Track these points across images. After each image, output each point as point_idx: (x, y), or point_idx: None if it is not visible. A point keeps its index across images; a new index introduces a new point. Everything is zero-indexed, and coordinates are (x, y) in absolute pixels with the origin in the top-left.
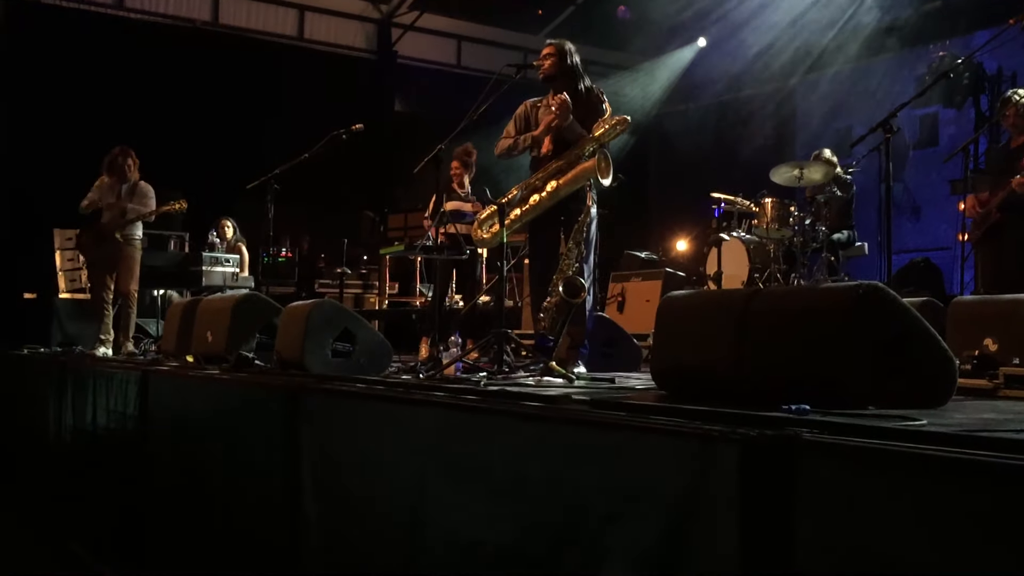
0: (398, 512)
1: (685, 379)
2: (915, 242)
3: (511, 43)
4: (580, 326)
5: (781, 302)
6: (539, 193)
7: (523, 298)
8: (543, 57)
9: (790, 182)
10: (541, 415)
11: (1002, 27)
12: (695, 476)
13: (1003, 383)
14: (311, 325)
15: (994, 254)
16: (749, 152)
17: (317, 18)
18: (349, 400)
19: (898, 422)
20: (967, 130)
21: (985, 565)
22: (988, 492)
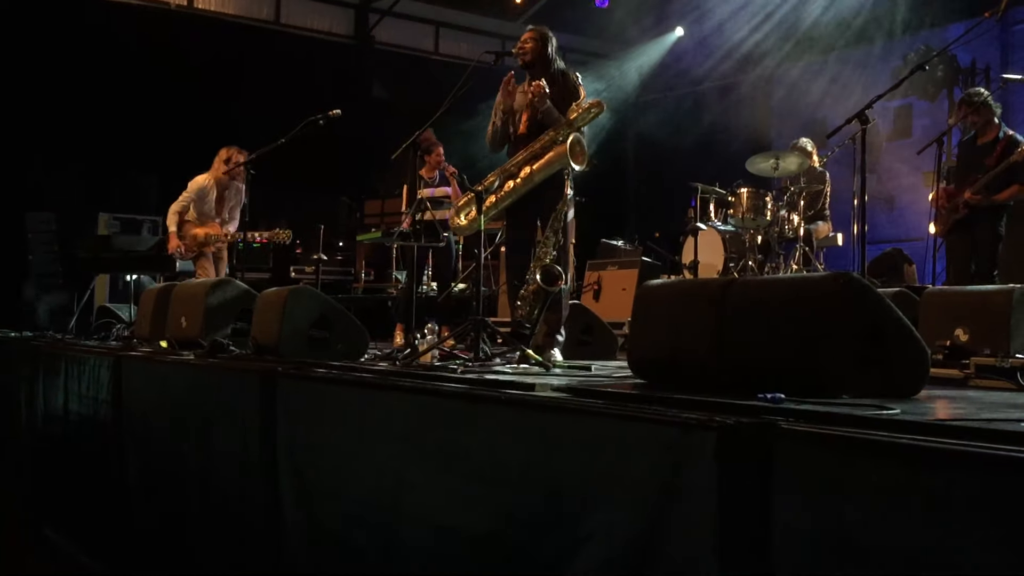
0: (375, 498)
1: (662, 367)
2: (888, 232)
3: (489, 30)
4: (557, 314)
5: (757, 291)
6: (514, 179)
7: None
8: (523, 42)
9: (766, 172)
10: (518, 402)
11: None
12: (672, 464)
13: (974, 373)
14: (287, 311)
15: (964, 248)
16: (725, 142)
17: (294, 2)
18: (326, 386)
19: (872, 411)
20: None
21: (959, 551)
22: (962, 480)
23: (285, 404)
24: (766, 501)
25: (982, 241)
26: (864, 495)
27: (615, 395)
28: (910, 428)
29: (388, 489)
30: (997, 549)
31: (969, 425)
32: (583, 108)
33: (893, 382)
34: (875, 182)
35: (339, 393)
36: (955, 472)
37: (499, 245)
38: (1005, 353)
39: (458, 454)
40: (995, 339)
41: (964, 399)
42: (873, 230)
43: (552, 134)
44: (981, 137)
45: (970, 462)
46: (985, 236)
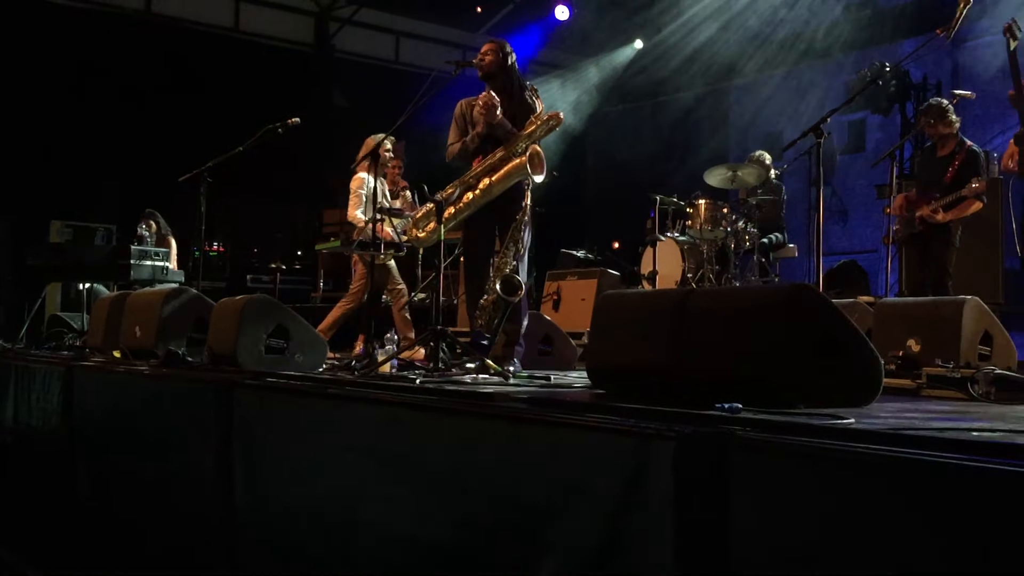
0: (333, 508)
1: (620, 377)
2: (842, 245)
3: (450, 40)
4: (516, 324)
5: (714, 302)
6: (472, 191)
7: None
8: (483, 54)
9: (724, 184)
10: (477, 412)
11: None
12: (630, 473)
13: (925, 383)
14: (244, 320)
15: (918, 260)
16: (684, 153)
17: (253, 9)
18: (283, 396)
19: (827, 420)
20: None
21: (911, 556)
22: (913, 487)
23: (241, 415)
24: (724, 510)
25: (936, 253)
26: (820, 503)
27: (574, 405)
28: (864, 438)
29: (346, 499)
30: (950, 555)
31: (921, 435)
32: (541, 120)
33: (847, 392)
34: (830, 195)
35: (297, 404)
36: (908, 481)
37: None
38: (956, 363)
39: (417, 464)
40: (946, 349)
41: (916, 409)
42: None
43: (511, 146)
44: (941, 148)
45: (923, 471)
46: (939, 248)
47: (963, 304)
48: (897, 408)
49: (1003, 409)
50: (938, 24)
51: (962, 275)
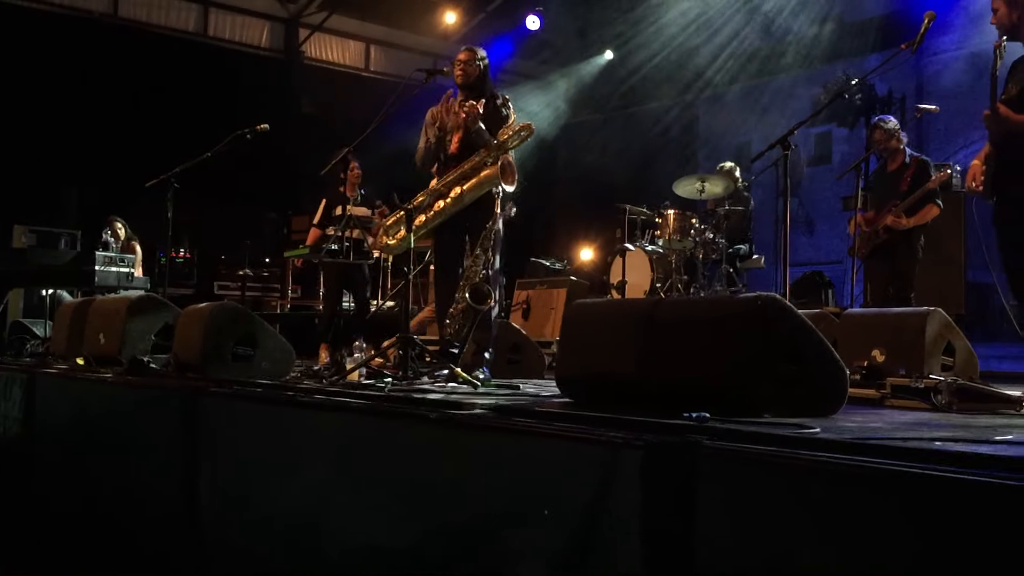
0: (300, 517)
1: (589, 386)
2: (808, 255)
3: (421, 48)
4: (486, 332)
5: (682, 312)
6: (444, 199)
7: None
8: (465, 63)
9: (692, 194)
10: (445, 421)
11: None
12: (599, 481)
13: (890, 393)
14: (211, 328)
15: (881, 272)
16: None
17: (222, 15)
18: (250, 404)
19: (793, 430)
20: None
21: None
22: (879, 497)
23: (207, 423)
24: (691, 518)
25: (899, 264)
26: (785, 512)
27: (542, 414)
28: (829, 447)
29: (312, 508)
30: (915, 562)
31: (886, 444)
32: (514, 131)
33: (813, 401)
34: (796, 206)
35: (263, 412)
36: (872, 489)
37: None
38: (920, 374)
39: (385, 472)
40: (910, 360)
41: (880, 419)
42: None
43: (483, 155)
44: (891, 163)
45: (887, 480)
46: (902, 259)
47: (926, 315)
48: (862, 418)
49: (965, 419)
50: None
51: (926, 287)
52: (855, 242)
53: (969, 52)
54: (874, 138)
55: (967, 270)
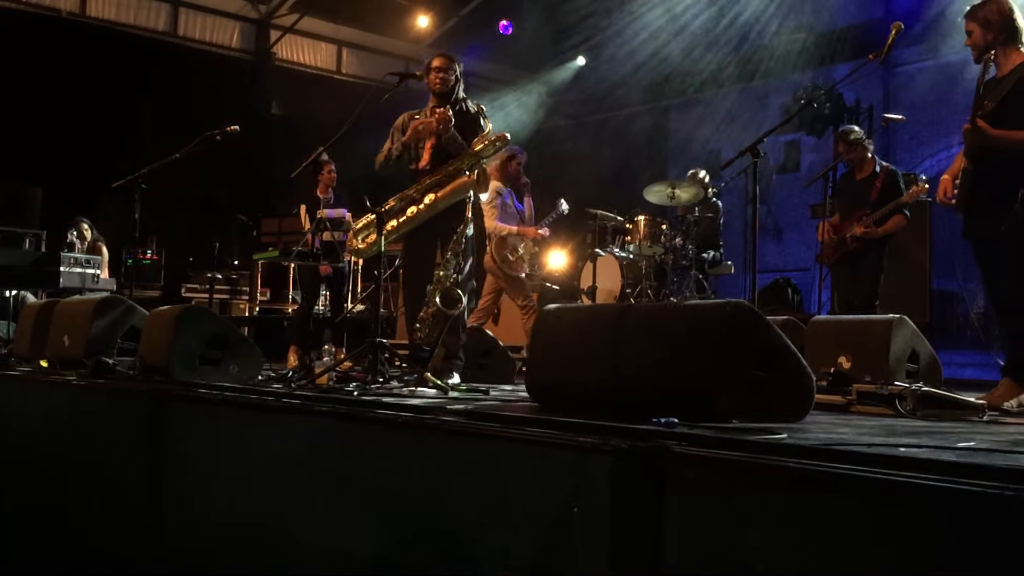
0: (267, 523)
1: (559, 391)
2: (777, 262)
3: (393, 52)
4: (456, 337)
5: (652, 318)
6: (417, 205)
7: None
8: (444, 71)
9: (663, 201)
10: (415, 425)
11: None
12: (568, 487)
13: (856, 399)
14: (178, 330)
15: (848, 279)
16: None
17: (192, 15)
18: (217, 408)
19: (761, 435)
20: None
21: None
22: (845, 502)
23: (173, 427)
24: (659, 523)
25: (865, 272)
26: (753, 517)
27: (512, 419)
28: (796, 452)
29: (280, 513)
30: (881, 567)
31: (851, 450)
32: (489, 140)
33: (780, 407)
34: (765, 213)
35: (231, 416)
36: (838, 495)
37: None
38: (885, 380)
39: (353, 477)
40: (876, 367)
41: (846, 424)
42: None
43: (457, 164)
44: (859, 172)
45: (853, 485)
46: (868, 267)
47: (892, 323)
48: (828, 423)
49: (929, 425)
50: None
51: (891, 294)
52: (823, 249)
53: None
54: (838, 149)
55: (932, 278)
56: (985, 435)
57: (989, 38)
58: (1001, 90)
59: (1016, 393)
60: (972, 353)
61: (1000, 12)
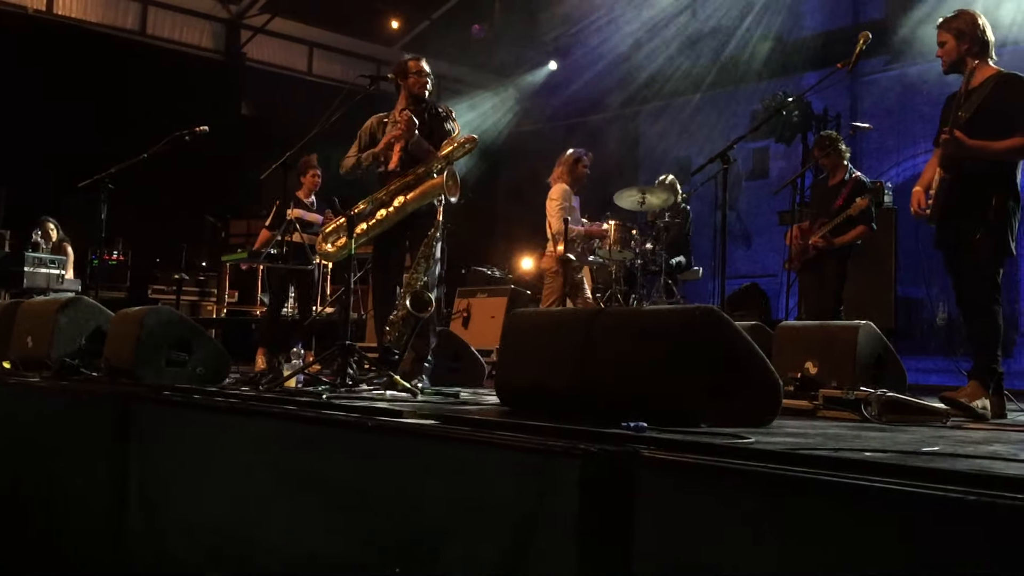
0: (234, 526)
1: (529, 395)
2: (746, 268)
3: (365, 54)
4: (425, 340)
5: (622, 322)
6: (386, 208)
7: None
8: (422, 74)
9: (633, 206)
10: (384, 429)
11: (830, 70)
12: (536, 491)
13: (822, 404)
14: (145, 332)
15: (814, 285)
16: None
17: (161, 13)
18: (184, 411)
19: (729, 439)
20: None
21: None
22: (812, 506)
23: (139, 430)
24: (628, 527)
25: (829, 279)
26: (721, 521)
27: (481, 422)
28: (764, 457)
29: (247, 517)
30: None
31: (818, 454)
32: (459, 143)
33: (748, 412)
34: (734, 219)
35: (198, 419)
36: (806, 499)
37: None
38: (851, 385)
39: (321, 481)
40: (842, 372)
41: (813, 429)
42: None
43: (427, 166)
44: (832, 178)
45: (819, 489)
46: (831, 274)
47: (858, 329)
48: (795, 428)
49: (894, 430)
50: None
51: (857, 301)
52: (790, 255)
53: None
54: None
55: (897, 285)
56: (949, 440)
57: (963, 49)
58: (974, 101)
59: (982, 396)
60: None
61: (973, 24)
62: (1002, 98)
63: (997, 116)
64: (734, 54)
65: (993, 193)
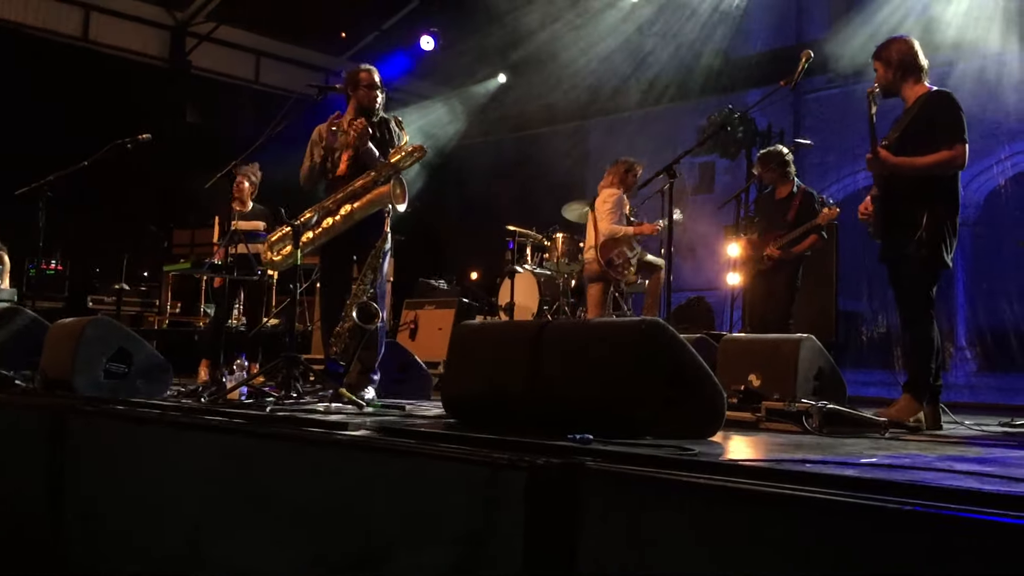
0: (175, 543)
1: (476, 407)
2: (691, 282)
3: (313, 63)
4: (372, 352)
5: (569, 335)
6: (333, 216)
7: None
8: (372, 87)
9: (581, 219)
10: (329, 442)
11: (773, 87)
12: (482, 503)
13: (765, 416)
14: (83, 343)
15: (761, 298)
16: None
17: (104, 19)
18: (122, 424)
19: (673, 451)
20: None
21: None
22: (753, 516)
23: (75, 444)
24: (573, 538)
25: (778, 291)
26: (665, 532)
27: (427, 435)
28: (707, 468)
29: (187, 534)
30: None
31: (760, 466)
32: (406, 151)
33: (693, 424)
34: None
35: (137, 432)
36: (747, 509)
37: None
38: (792, 398)
39: (265, 496)
40: (784, 384)
41: (756, 441)
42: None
43: (374, 175)
44: (778, 192)
45: (761, 500)
46: (781, 287)
47: (800, 342)
48: (738, 440)
49: (833, 442)
50: (782, 76)
51: (799, 314)
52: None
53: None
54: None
55: (838, 299)
56: (887, 451)
57: (891, 76)
58: (904, 121)
59: (915, 410)
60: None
61: (899, 52)
62: (929, 114)
63: (925, 132)
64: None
65: (924, 208)
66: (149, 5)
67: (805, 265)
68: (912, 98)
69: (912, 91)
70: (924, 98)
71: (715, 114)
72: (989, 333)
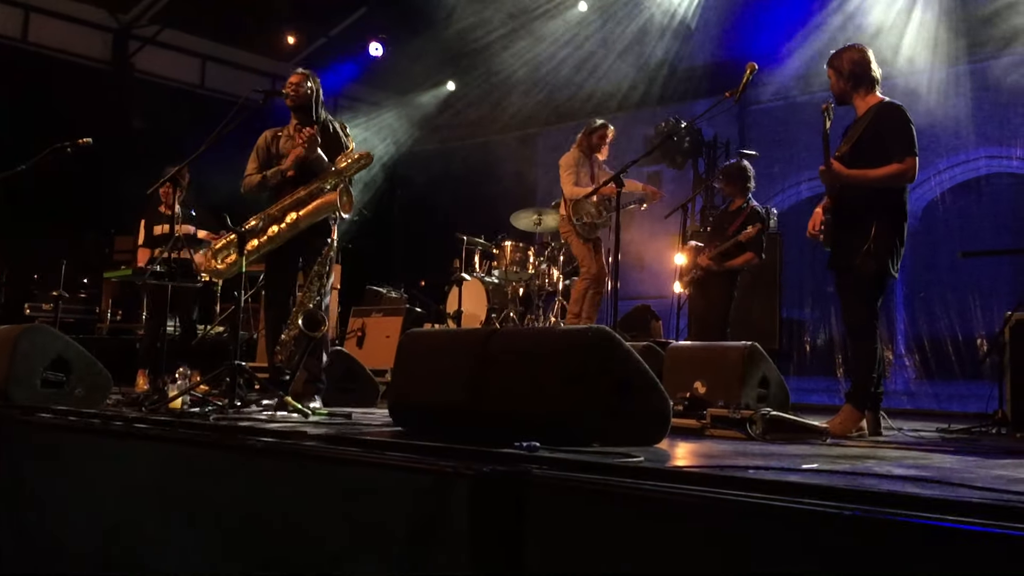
0: (117, 555)
1: (423, 415)
2: (638, 289)
3: (259, 68)
4: (318, 360)
5: (516, 342)
6: (279, 224)
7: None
8: (296, 85)
9: (529, 227)
10: (274, 451)
11: (718, 98)
12: (428, 511)
13: (710, 423)
14: (18, 351)
15: (702, 306)
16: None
17: (44, 20)
18: (58, 434)
19: (618, 459)
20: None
21: None
22: (697, 522)
23: (10, 454)
24: (520, 547)
25: (716, 300)
26: (611, 539)
27: (373, 443)
28: (652, 475)
29: (129, 544)
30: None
31: (704, 472)
32: (352, 158)
33: (639, 431)
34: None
35: (75, 441)
36: (692, 515)
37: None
38: (736, 405)
39: (208, 506)
40: (729, 392)
41: (700, 448)
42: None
43: (320, 182)
44: (733, 204)
45: (705, 506)
46: (719, 296)
47: (744, 350)
48: (683, 447)
49: (776, 448)
50: (728, 87)
51: (743, 322)
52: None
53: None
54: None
55: (782, 307)
56: (828, 457)
57: (842, 85)
58: (855, 132)
59: (856, 419)
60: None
61: (852, 62)
62: (880, 127)
63: (876, 144)
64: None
65: (873, 219)
66: (91, 7)
67: (749, 274)
68: (863, 108)
69: (863, 101)
70: (875, 109)
71: (663, 124)
72: (927, 341)
